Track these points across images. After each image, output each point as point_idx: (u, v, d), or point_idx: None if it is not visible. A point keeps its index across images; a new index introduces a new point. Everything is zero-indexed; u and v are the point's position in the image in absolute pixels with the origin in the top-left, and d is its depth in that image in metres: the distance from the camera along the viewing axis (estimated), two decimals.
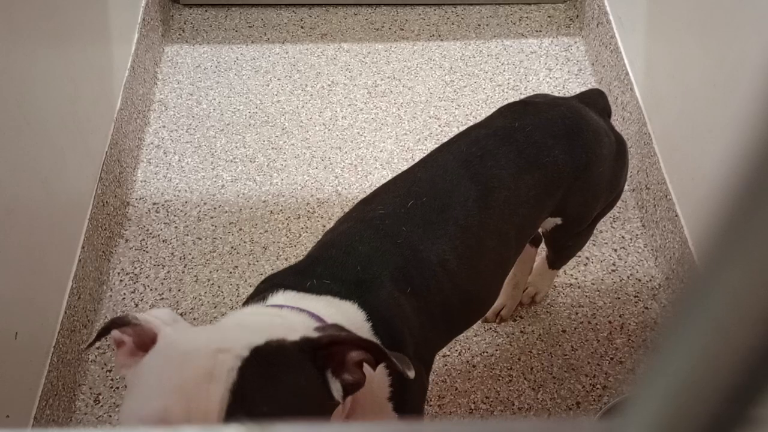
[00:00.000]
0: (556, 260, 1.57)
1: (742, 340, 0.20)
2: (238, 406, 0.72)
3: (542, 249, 1.59)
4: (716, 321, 0.20)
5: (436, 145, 1.26)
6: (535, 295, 1.68)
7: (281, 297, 0.99)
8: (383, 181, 1.16)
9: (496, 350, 1.63)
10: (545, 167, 1.20)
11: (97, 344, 1.62)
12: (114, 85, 1.89)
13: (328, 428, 0.31)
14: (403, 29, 2.39)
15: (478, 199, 1.14)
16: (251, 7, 2.44)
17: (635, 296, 1.73)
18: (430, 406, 1.54)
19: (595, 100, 1.38)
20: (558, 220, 1.32)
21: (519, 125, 1.22)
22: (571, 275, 1.76)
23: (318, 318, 0.92)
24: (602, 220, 1.86)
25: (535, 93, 1.47)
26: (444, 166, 1.17)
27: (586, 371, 1.60)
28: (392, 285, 1.04)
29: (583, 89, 2.20)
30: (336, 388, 0.82)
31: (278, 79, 2.22)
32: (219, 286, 1.73)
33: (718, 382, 0.20)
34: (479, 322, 1.66)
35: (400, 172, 1.24)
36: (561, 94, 2.17)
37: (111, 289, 1.72)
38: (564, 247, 1.49)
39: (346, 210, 1.96)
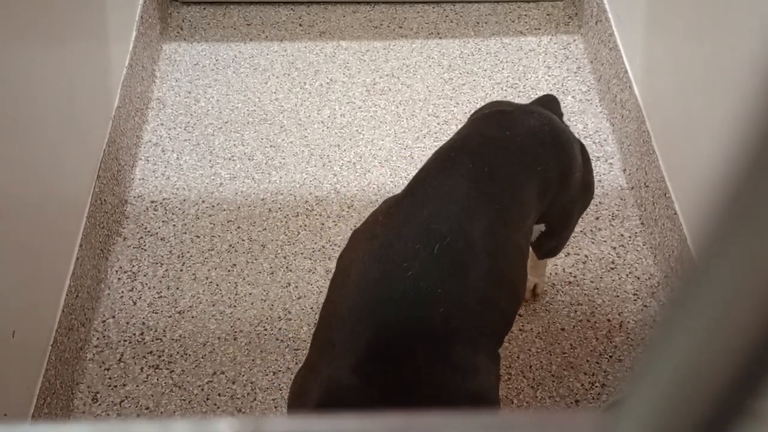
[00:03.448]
0: (543, 256, 1.58)
1: (740, 331, 0.20)
2: None
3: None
4: (713, 312, 0.20)
5: (435, 143, 1.26)
6: (534, 288, 1.68)
7: None
8: (382, 179, 1.14)
9: None
10: (539, 175, 1.21)
11: (95, 342, 1.62)
12: (112, 82, 1.89)
13: (319, 423, 0.31)
14: (401, 27, 2.38)
15: (497, 219, 1.12)
16: (249, 4, 2.44)
17: (634, 294, 1.73)
18: None
19: (551, 106, 1.40)
20: (542, 227, 1.34)
21: (510, 135, 1.23)
22: (570, 273, 1.76)
23: None
24: (600, 218, 1.87)
25: (492, 101, 1.43)
26: (453, 189, 1.14)
27: (585, 369, 1.60)
28: (460, 376, 0.99)
29: (582, 87, 2.21)
30: None
31: (277, 77, 2.21)
32: (217, 284, 1.73)
33: (716, 374, 0.20)
34: None
35: (404, 194, 1.18)
36: (560, 93, 2.18)
37: (109, 288, 1.72)
38: (549, 249, 1.49)
39: (345, 208, 1.98)
